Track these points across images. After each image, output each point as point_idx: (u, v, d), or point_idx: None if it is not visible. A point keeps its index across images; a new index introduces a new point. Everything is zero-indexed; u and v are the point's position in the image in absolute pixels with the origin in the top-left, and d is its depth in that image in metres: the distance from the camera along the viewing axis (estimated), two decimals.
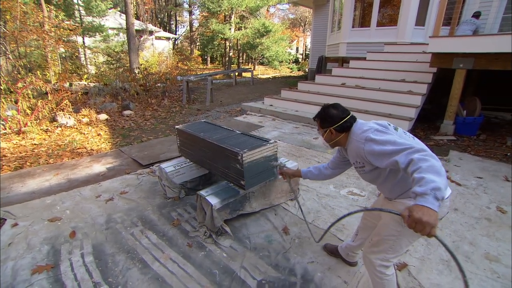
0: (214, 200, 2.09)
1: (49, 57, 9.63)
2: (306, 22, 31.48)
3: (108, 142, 4.75)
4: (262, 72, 21.16)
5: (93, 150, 4.36)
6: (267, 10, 26.65)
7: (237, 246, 2.11)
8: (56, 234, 2.23)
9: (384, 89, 5.62)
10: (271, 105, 6.69)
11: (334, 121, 1.43)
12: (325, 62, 10.09)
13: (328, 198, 2.83)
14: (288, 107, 6.37)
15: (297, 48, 35.43)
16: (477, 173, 3.41)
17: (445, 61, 4.70)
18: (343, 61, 8.60)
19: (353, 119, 1.43)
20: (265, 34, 17.02)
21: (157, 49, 18.58)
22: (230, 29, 17.58)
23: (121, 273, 1.85)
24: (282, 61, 19.73)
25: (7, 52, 7.41)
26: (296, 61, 26.01)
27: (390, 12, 8.01)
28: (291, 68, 22.16)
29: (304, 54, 30.94)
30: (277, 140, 4.57)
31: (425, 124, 5.59)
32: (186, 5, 30.08)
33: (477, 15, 5.65)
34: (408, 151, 1.10)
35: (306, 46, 32.89)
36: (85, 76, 10.61)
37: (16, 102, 5.42)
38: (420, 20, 7.02)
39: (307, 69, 17.44)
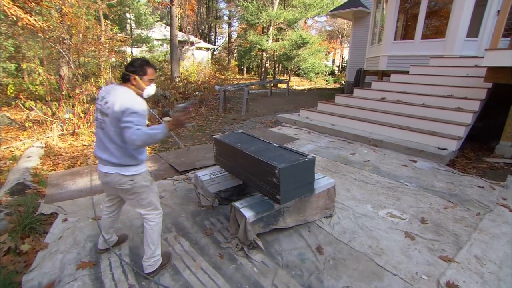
0: (248, 213, 2.08)
1: (102, 66, 10.57)
2: (344, 34, 31.00)
3: (148, 147, 5.01)
4: (297, 83, 21.12)
5: None
6: (305, 22, 26.77)
7: (268, 262, 2.06)
8: (98, 233, 2.36)
9: (428, 105, 5.27)
10: (307, 118, 6.60)
11: None
12: (364, 75, 9.78)
13: (365, 219, 2.68)
14: (324, 120, 6.24)
15: (333, 60, 34.94)
16: None
17: (504, 75, 4.27)
18: (382, 75, 8.27)
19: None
20: (302, 45, 17.05)
21: (196, 59, 19.52)
22: (267, 40, 17.91)
23: (153, 278, 1.89)
24: (318, 73, 19.55)
25: (70, 62, 8.28)
26: (332, 73, 25.60)
27: (437, 24, 7.58)
28: (327, 80, 21.84)
29: (340, 66, 30.39)
30: (313, 154, 4.46)
31: (476, 144, 5.12)
32: (226, 18, 31.42)
33: None
34: None
35: (343, 58, 32.29)
36: None
37: (73, 106, 6.00)
38: (473, 31, 6.53)
39: (343, 82, 17.06)
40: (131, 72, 1.71)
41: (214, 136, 2.97)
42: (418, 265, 2.05)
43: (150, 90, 1.81)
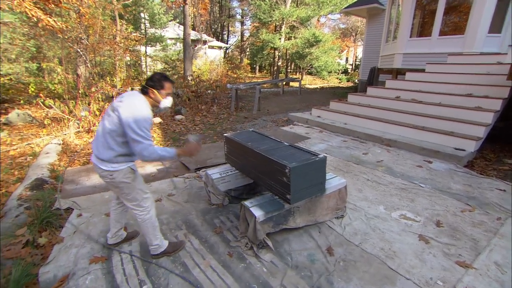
0: (258, 212, 2.07)
1: (117, 65, 10.79)
2: (358, 32, 30.44)
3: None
4: (309, 82, 20.92)
5: None
6: (318, 20, 26.43)
7: (278, 262, 2.05)
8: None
9: (445, 104, 5.09)
10: (319, 117, 6.53)
11: None
12: (378, 73, 9.56)
13: (378, 220, 2.62)
14: (337, 119, 6.15)
15: (347, 59, 34.40)
16: None
17: None
18: (397, 73, 8.06)
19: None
20: (315, 44, 16.85)
21: (209, 58, 19.65)
22: (280, 39, 17.81)
23: (163, 275, 1.92)
24: (331, 72, 19.29)
25: (86, 61, 8.51)
26: (345, 72, 25.20)
27: (456, 20, 7.30)
28: (339, 79, 21.53)
29: (354, 65, 29.87)
30: (324, 154, 4.40)
31: (496, 145, 4.91)
32: (238, 16, 31.47)
33: None
34: None
35: (356, 57, 31.73)
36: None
37: (89, 104, 6.17)
38: (495, 27, 6.25)
39: (357, 80, 16.76)
40: (150, 86, 1.84)
41: (225, 134, 2.97)
42: (433, 270, 1.98)
43: (167, 102, 1.94)
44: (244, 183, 2.89)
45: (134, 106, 1.73)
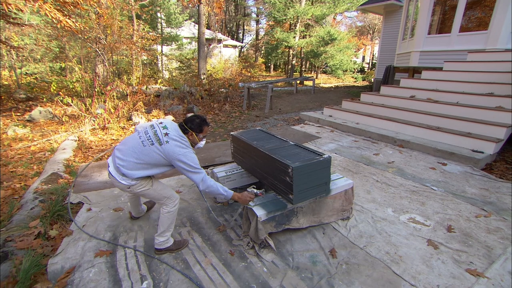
0: (260, 212, 2.06)
1: (134, 63, 11.07)
2: (375, 29, 29.69)
3: None
4: (324, 80, 20.62)
5: None
6: (334, 18, 25.97)
7: (279, 262, 2.03)
8: (117, 223, 2.49)
9: (463, 104, 4.87)
10: (331, 116, 6.42)
11: None
12: (393, 72, 9.27)
13: (385, 223, 2.54)
14: (348, 119, 6.02)
15: (363, 57, 33.65)
16: None
17: None
18: (413, 72, 7.79)
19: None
20: (330, 42, 16.58)
21: (224, 56, 19.77)
22: (294, 37, 17.65)
23: (164, 271, 1.95)
24: (346, 70, 18.93)
25: (104, 61, 8.79)
26: (361, 71, 24.66)
27: (478, 15, 6.97)
28: (355, 78, 21.08)
29: (370, 63, 29.16)
30: (334, 154, 4.34)
31: None
32: (254, 15, 31.47)
33: None
34: None
35: (373, 55, 30.97)
36: (159, 80, 11.86)
37: (104, 102, 6.37)
38: None
39: (372, 79, 16.35)
40: (190, 128, 2.03)
41: (231, 133, 2.98)
42: (441, 277, 1.90)
43: (201, 144, 2.17)
44: (249, 182, 2.89)
45: (183, 148, 1.91)
